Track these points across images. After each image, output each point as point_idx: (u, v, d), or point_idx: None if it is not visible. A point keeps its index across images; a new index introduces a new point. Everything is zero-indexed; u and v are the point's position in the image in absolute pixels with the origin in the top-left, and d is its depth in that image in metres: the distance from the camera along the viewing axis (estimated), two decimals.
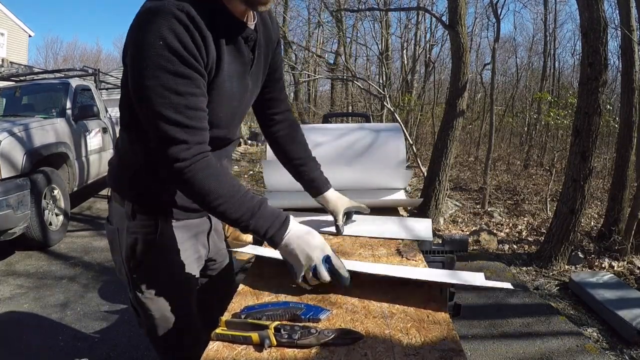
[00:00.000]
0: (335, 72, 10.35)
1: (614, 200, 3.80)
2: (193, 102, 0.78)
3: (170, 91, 0.75)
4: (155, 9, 0.74)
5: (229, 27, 0.83)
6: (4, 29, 16.68)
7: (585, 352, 2.10)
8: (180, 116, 0.76)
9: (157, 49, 0.73)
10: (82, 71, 6.41)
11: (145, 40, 0.73)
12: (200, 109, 0.80)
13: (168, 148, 0.77)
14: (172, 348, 1.05)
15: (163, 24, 0.73)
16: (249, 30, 0.87)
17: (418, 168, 6.41)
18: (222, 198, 0.80)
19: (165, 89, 0.75)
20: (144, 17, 0.75)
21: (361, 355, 0.67)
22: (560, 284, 2.99)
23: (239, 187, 0.83)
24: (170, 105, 0.75)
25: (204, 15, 0.76)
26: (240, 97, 0.93)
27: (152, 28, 0.73)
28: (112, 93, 10.54)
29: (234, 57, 0.86)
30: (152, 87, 0.74)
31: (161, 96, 0.75)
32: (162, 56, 0.73)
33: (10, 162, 3.12)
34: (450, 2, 4.45)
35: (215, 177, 0.80)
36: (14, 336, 2.24)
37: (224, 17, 0.81)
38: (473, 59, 11.51)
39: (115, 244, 0.99)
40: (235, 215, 0.82)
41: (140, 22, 0.75)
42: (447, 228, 4.60)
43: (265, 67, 0.99)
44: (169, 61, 0.73)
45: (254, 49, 0.91)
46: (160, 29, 0.73)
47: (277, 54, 1.03)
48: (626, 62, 3.85)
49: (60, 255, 3.44)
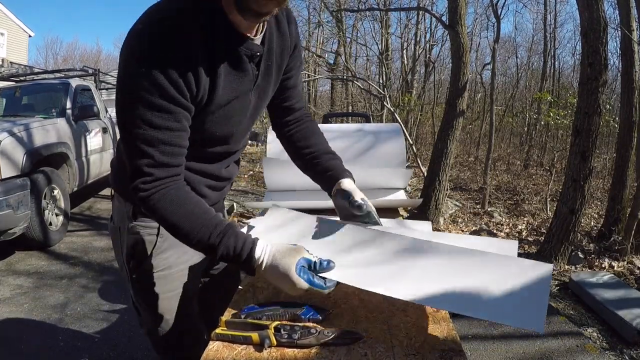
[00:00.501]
0: (335, 72, 10.35)
1: (614, 200, 3.80)
2: (168, 137, 0.74)
3: (145, 123, 0.72)
4: (144, 34, 0.71)
5: (230, 44, 0.77)
6: (4, 29, 16.69)
7: (585, 352, 2.10)
8: (152, 150, 0.74)
9: (139, 77, 0.70)
10: (82, 71, 6.41)
11: (128, 67, 0.71)
12: (175, 145, 0.76)
13: (134, 177, 0.76)
14: (172, 348, 1.05)
15: (150, 52, 0.70)
16: (254, 48, 0.81)
17: (418, 168, 6.41)
18: (183, 229, 0.77)
19: (142, 120, 0.72)
20: (131, 40, 0.72)
21: (361, 355, 0.68)
22: (560, 284, 2.99)
23: (203, 214, 0.78)
24: (144, 138, 0.73)
25: (202, 33, 0.73)
26: (240, 115, 0.88)
27: (138, 54, 0.70)
28: (112, 93, 10.51)
29: (234, 77, 0.81)
30: (129, 116, 0.73)
31: (137, 127, 0.72)
32: (142, 87, 0.70)
33: (11, 162, 3.12)
34: (450, 2, 4.45)
35: (177, 206, 0.77)
36: (14, 336, 2.23)
37: (225, 34, 0.76)
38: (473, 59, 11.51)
39: (116, 243, 0.99)
40: (200, 243, 0.78)
41: (127, 45, 0.72)
42: (447, 228, 4.60)
43: (278, 76, 0.93)
44: (149, 92, 0.70)
45: (259, 63, 0.85)
46: (145, 57, 0.70)
47: (294, 58, 0.96)
48: (626, 62, 3.85)
49: (60, 255, 3.43)
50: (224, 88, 0.79)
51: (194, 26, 0.72)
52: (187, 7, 0.73)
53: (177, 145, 0.77)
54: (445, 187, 4.71)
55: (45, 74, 6.92)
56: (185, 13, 0.72)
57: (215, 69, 0.76)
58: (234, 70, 0.80)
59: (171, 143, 0.75)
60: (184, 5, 0.73)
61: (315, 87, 15.85)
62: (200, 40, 0.73)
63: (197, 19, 0.73)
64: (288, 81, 0.99)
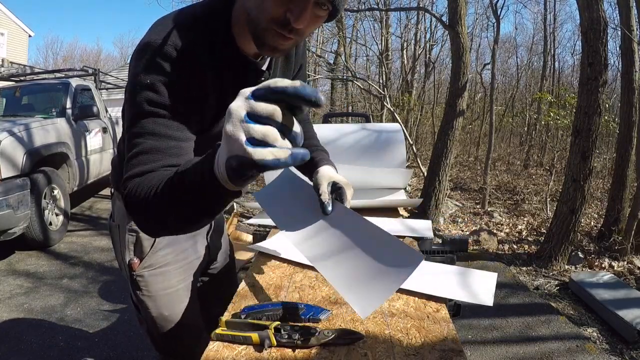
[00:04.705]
0: (335, 72, 10.34)
1: (614, 200, 3.80)
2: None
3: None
4: (152, 52, 0.67)
5: (237, 69, 0.75)
6: (4, 29, 16.68)
7: (585, 352, 2.10)
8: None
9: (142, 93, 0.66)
10: (82, 71, 6.41)
11: (136, 83, 0.68)
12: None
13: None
14: (172, 347, 1.05)
15: (156, 70, 0.66)
16: (260, 74, 0.80)
17: (418, 168, 6.41)
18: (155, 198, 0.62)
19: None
20: (141, 54, 0.68)
21: (361, 355, 0.68)
22: (560, 284, 2.99)
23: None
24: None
25: (210, 56, 0.70)
26: None
27: (145, 70, 0.67)
28: (112, 93, 10.55)
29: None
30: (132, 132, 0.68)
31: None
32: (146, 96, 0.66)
33: (11, 162, 3.12)
34: (450, 2, 4.45)
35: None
36: (14, 336, 2.23)
37: (232, 59, 0.74)
38: (473, 59, 11.51)
39: (116, 241, 0.99)
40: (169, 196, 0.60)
41: (135, 60, 0.69)
42: (447, 228, 4.60)
43: None
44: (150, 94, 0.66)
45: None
46: (150, 74, 0.66)
47: (297, 77, 0.95)
48: (626, 62, 3.85)
49: (60, 255, 3.43)
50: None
51: (207, 47, 0.70)
52: (197, 30, 0.70)
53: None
54: (445, 187, 4.71)
55: (45, 74, 6.91)
56: (197, 40, 0.69)
57: (224, 99, 0.74)
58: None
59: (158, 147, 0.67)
60: (194, 25, 0.70)
61: (315, 87, 15.86)
62: (211, 63, 0.71)
63: (208, 46, 0.70)
64: None
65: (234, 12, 0.72)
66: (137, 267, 0.96)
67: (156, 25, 0.70)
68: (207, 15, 0.71)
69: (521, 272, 3.21)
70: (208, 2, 0.73)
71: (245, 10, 0.68)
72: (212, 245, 1.13)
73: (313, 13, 0.63)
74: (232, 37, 0.73)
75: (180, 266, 1.00)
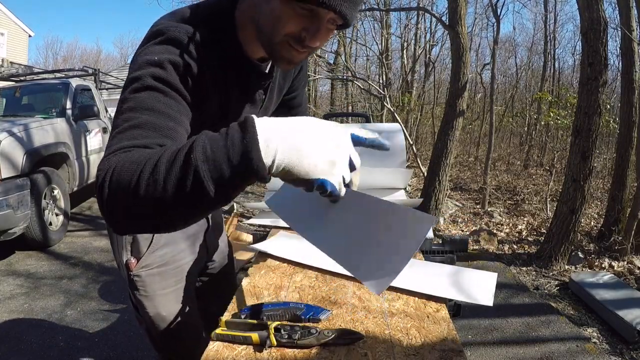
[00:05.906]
0: (335, 72, 10.34)
1: (614, 200, 3.80)
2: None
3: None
4: (162, 41, 0.65)
5: (240, 70, 0.75)
6: (4, 29, 16.68)
7: (586, 353, 2.10)
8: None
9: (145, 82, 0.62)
10: (82, 71, 6.41)
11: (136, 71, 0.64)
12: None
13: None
14: (171, 347, 1.05)
15: (161, 56, 0.64)
16: (263, 77, 0.80)
17: (418, 168, 6.41)
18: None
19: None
20: (150, 39, 0.66)
21: (361, 355, 0.67)
22: (560, 284, 2.99)
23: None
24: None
25: (217, 53, 0.70)
26: None
27: (150, 57, 0.64)
28: (112, 93, 10.55)
29: (242, 104, 0.80)
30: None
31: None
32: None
33: (10, 162, 3.12)
34: (450, 2, 4.45)
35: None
36: (14, 336, 2.23)
37: (237, 59, 0.74)
38: (473, 59, 11.51)
39: (114, 241, 0.99)
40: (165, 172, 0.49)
41: (144, 44, 0.67)
42: (447, 228, 4.60)
43: (278, 97, 0.92)
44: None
45: (266, 89, 0.83)
46: (155, 62, 0.63)
47: (298, 79, 0.96)
48: (626, 62, 3.85)
49: (60, 255, 3.43)
50: (234, 114, 0.78)
51: (213, 52, 0.70)
52: (206, 27, 0.69)
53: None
54: (445, 187, 4.71)
55: (45, 74, 6.92)
56: (205, 35, 0.68)
57: (225, 98, 0.75)
58: (241, 97, 0.79)
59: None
60: (203, 21, 0.69)
61: (315, 87, 15.84)
62: (217, 65, 0.71)
63: (216, 43, 0.70)
64: (293, 101, 1.00)
65: (238, 17, 0.72)
66: (134, 267, 0.96)
67: (165, 17, 0.71)
68: (214, 14, 0.72)
69: (521, 272, 3.21)
70: (210, 3, 0.73)
71: (252, 21, 0.68)
72: (211, 245, 1.13)
73: (326, 28, 0.64)
74: (237, 39, 0.73)
75: (178, 266, 1.00)
